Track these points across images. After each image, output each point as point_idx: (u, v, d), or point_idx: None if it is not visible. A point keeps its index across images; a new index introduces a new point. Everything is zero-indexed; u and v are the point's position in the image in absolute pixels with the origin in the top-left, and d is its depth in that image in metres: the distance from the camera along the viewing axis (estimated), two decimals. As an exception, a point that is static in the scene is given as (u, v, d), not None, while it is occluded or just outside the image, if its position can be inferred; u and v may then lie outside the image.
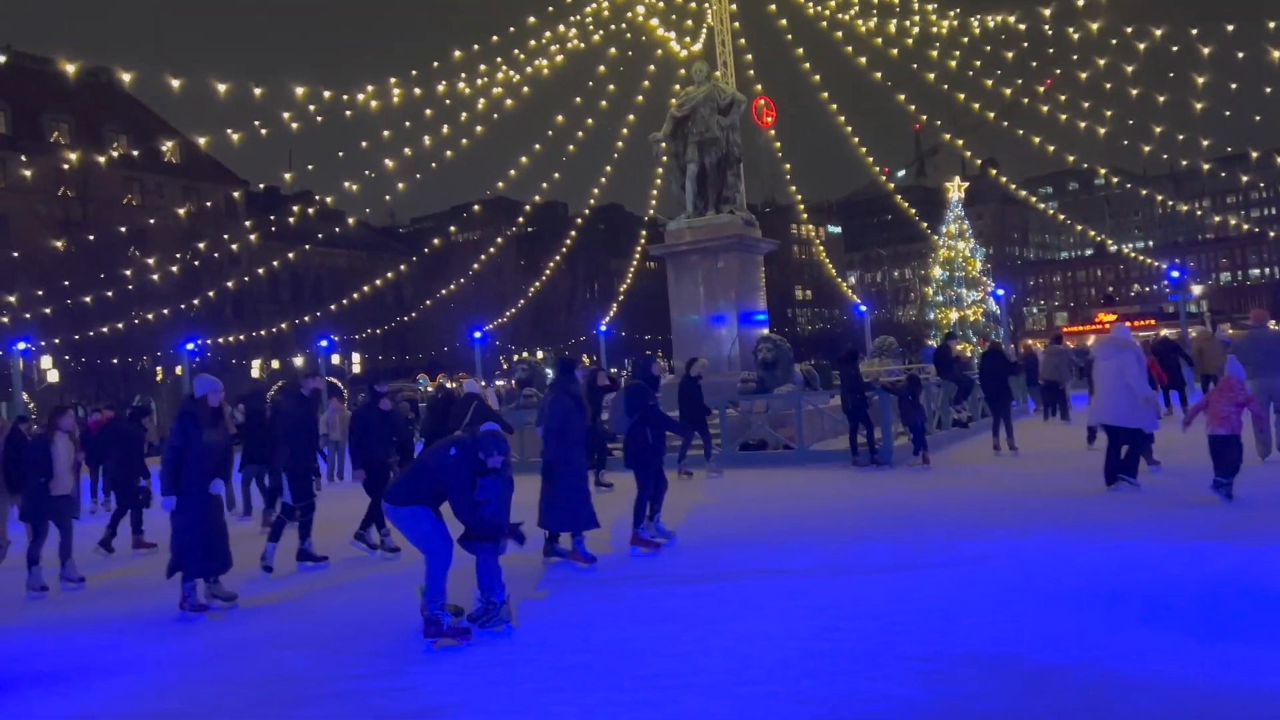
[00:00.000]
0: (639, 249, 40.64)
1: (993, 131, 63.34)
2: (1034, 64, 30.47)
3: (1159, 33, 25.30)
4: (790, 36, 32.54)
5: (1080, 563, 7.47)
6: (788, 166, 37.92)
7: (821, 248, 67.98)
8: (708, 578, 7.89)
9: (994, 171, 53.05)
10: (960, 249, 57.67)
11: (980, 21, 29.01)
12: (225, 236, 43.31)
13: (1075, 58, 28.20)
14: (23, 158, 41.99)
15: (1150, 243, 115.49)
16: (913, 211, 50.17)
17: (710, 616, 6.60)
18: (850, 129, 35.78)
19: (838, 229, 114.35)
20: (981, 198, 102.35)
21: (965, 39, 30.02)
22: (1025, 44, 28.97)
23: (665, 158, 22.06)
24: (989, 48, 30.09)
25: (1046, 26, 26.53)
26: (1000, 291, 44.94)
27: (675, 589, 7.58)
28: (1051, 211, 65.74)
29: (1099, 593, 6.51)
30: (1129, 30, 26.10)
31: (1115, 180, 59.97)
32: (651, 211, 37.48)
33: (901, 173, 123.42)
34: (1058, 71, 30.18)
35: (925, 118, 39.21)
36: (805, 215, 61.06)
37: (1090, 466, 11.61)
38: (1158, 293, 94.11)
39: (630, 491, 9.55)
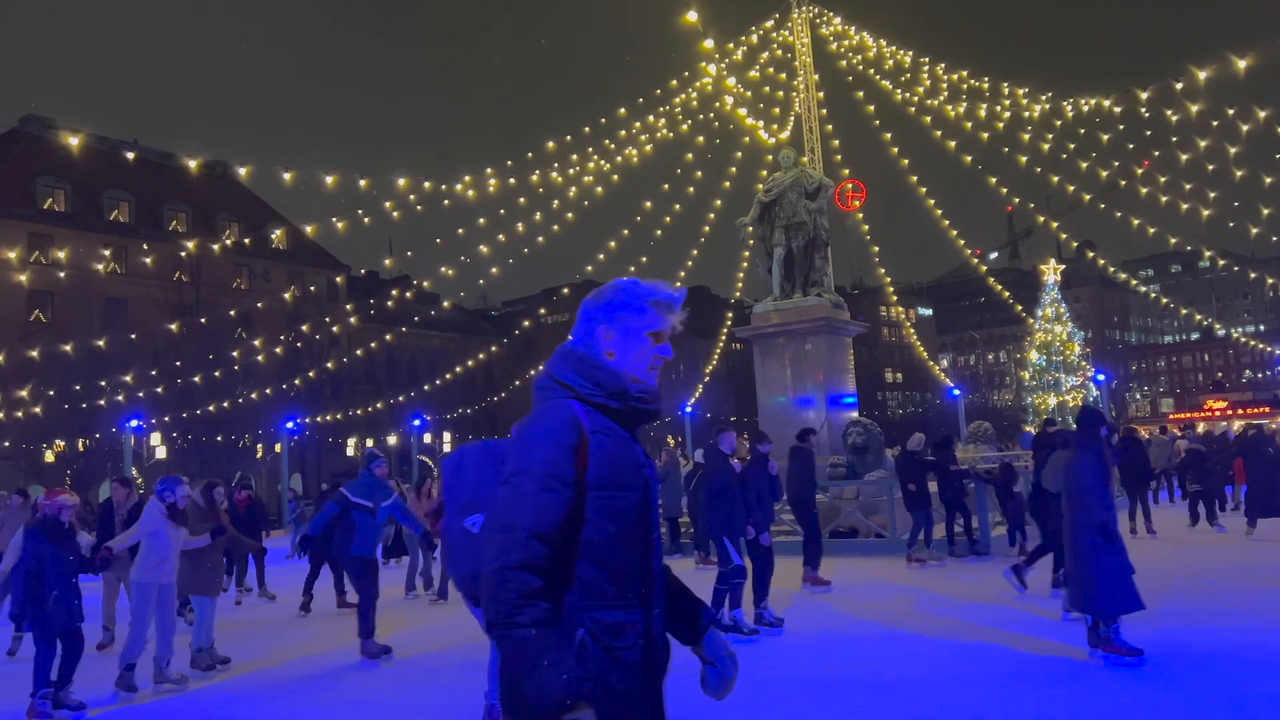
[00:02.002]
0: (725, 331, 40.70)
1: (1089, 213, 62.17)
2: (1131, 146, 29.75)
3: (1263, 114, 24.59)
4: (878, 122, 32.76)
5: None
6: (876, 249, 37.78)
7: (912, 330, 67.03)
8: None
9: (1091, 254, 51.70)
10: (1058, 332, 56.07)
11: (1074, 105, 28.69)
12: (327, 319, 45.07)
13: (1175, 139, 27.53)
14: (144, 246, 44.72)
15: (1261, 326, 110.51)
16: (1007, 294, 49.15)
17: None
18: (940, 211, 35.55)
19: (929, 311, 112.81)
20: (1078, 280, 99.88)
21: (1058, 122, 29.67)
22: (1121, 126, 28.42)
23: (751, 242, 22.20)
24: (1083, 130, 29.64)
25: (1143, 109, 26.06)
26: (1101, 376, 43.38)
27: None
28: (1154, 294, 63.63)
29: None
30: (1231, 112, 25.44)
31: (1222, 263, 57.80)
32: (738, 294, 37.64)
33: (994, 255, 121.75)
34: (1156, 153, 29.46)
35: (1018, 200, 38.53)
36: (895, 298, 60.51)
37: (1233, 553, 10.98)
38: (1270, 379, 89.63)
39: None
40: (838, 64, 31.19)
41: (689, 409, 41.75)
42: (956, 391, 44.61)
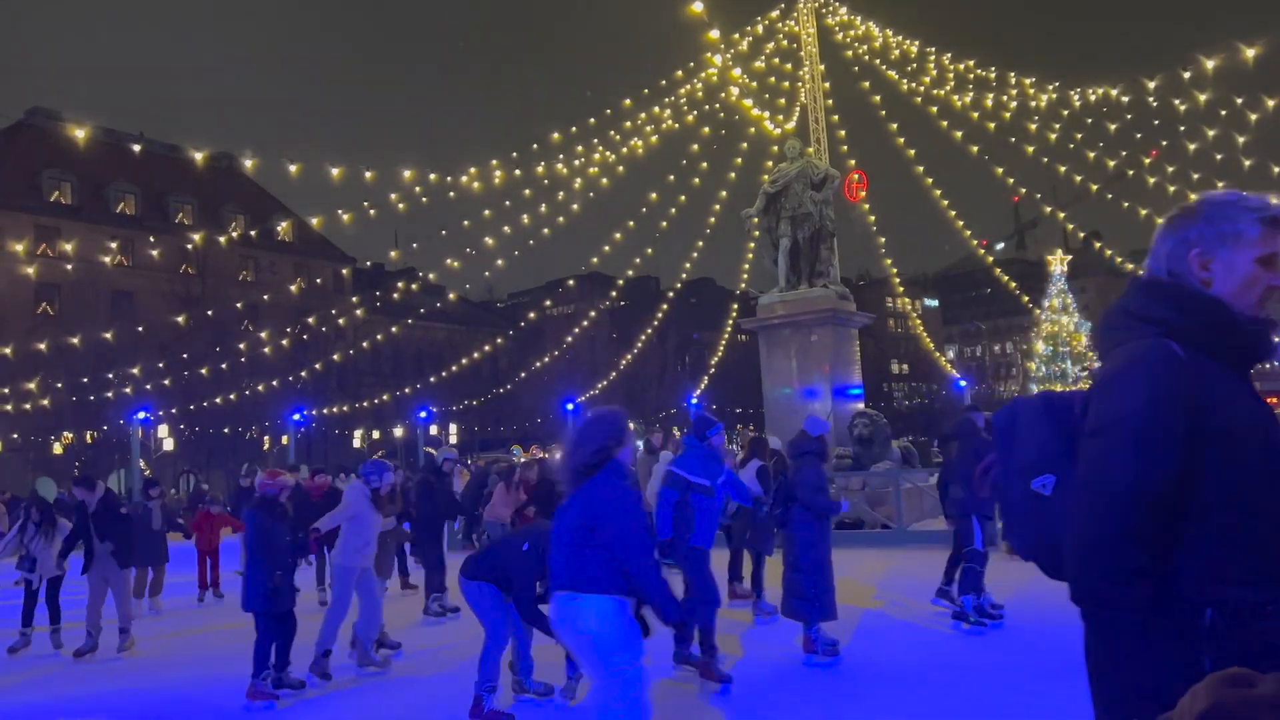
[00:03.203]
0: (730, 322, 40.69)
1: (1096, 203, 61.81)
2: (1138, 135, 29.57)
3: (1271, 103, 24.44)
4: (884, 112, 32.65)
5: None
6: (882, 240, 37.63)
7: (918, 321, 66.88)
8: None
9: (1098, 244, 51.60)
10: (1064, 323, 56.02)
11: (1081, 94, 28.55)
12: (333, 311, 45.07)
13: (1182, 128, 27.40)
14: (151, 238, 44.80)
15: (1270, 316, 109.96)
16: (1013, 285, 49.02)
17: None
18: (946, 202, 35.43)
19: (935, 302, 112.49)
20: (1085, 271, 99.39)
21: (1065, 111, 29.54)
22: (1129, 115, 28.28)
23: (757, 233, 22.16)
24: (1090, 120, 29.48)
25: (1151, 98, 25.91)
26: (1108, 367, 43.16)
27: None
28: (1161, 285, 63.28)
29: None
30: (1239, 101, 25.30)
31: (1230, 252, 57.29)
32: (743, 285, 37.59)
33: (1000, 245, 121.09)
34: (1164, 142, 29.33)
35: (1025, 190, 38.32)
36: (901, 289, 60.30)
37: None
38: (1278, 369, 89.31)
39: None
40: (844, 54, 31.09)
41: (694, 400, 41.80)
42: (963, 382, 44.56)
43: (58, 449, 43.76)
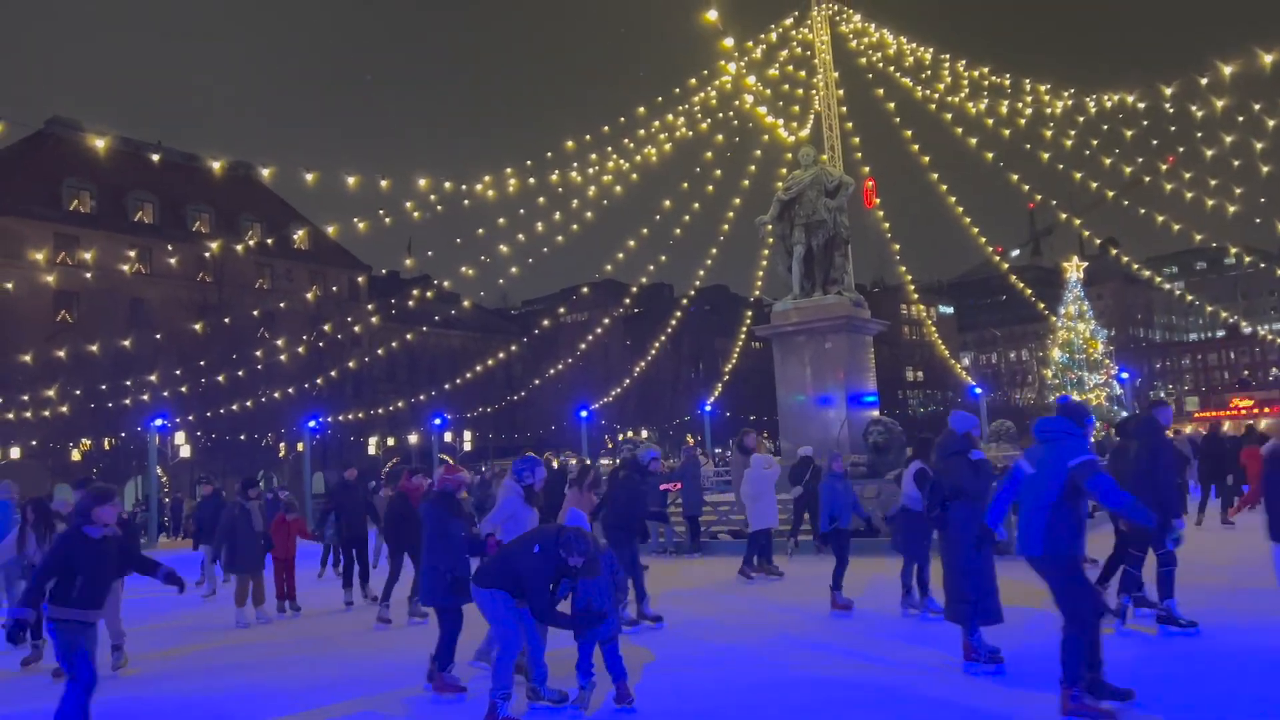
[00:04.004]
0: (744, 329, 40.66)
1: (1112, 210, 61.49)
2: (1155, 142, 29.41)
3: (1290, 107, 24.29)
4: (898, 119, 32.61)
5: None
6: (896, 247, 37.58)
7: (933, 328, 66.65)
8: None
9: (1114, 251, 51.30)
10: (1080, 330, 55.74)
11: (1096, 100, 28.43)
12: (348, 319, 45.34)
13: (1200, 135, 27.24)
14: (169, 246, 45.18)
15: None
16: (1029, 292, 48.81)
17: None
18: (961, 209, 35.34)
19: (950, 309, 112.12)
20: (1101, 277, 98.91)
21: (1081, 118, 29.43)
22: (1145, 122, 28.13)
23: (771, 240, 22.15)
24: (1106, 126, 29.34)
25: (1168, 105, 25.77)
26: (1125, 374, 43.01)
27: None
28: (1178, 291, 62.97)
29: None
30: (1257, 107, 25.13)
31: (1248, 259, 57.13)
32: (757, 293, 37.56)
33: (1016, 252, 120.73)
34: (1181, 149, 29.17)
35: (1040, 197, 38.19)
36: (916, 295, 60.13)
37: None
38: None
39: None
40: (857, 61, 31.09)
41: (708, 407, 41.77)
42: (978, 390, 44.37)
43: (76, 455, 44.09)
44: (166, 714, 7.86)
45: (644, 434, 56.92)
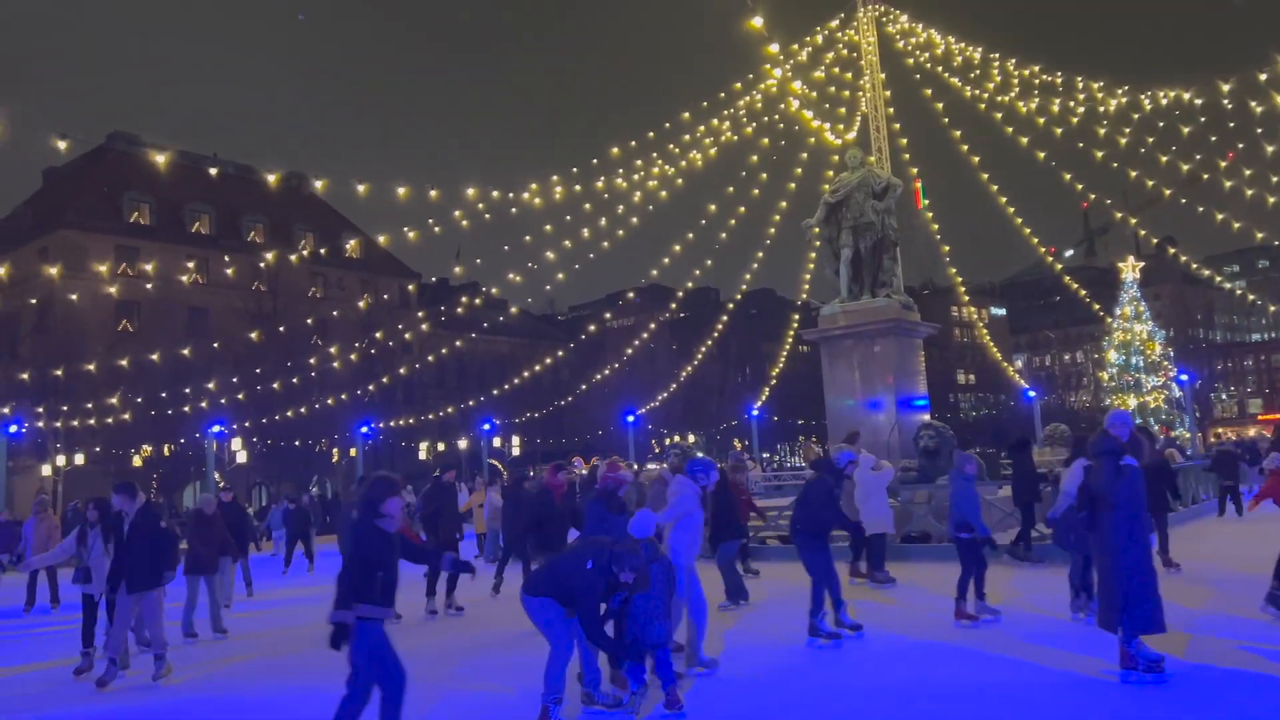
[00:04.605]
0: (791, 333, 40.44)
1: (1169, 208, 60.15)
2: (1213, 138, 28.72)
3: (1355, 101, 23.57)
4: (947, 120, 32.26)
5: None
6: (946, 248, 37.11)
7: (985, 330, 65.65)
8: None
9: (1172, 250, 50.08)
10: (1137, 331, 54.54)
11: (1151, 97, 27.86)
12: (399, 326, 45.94)
13: (1260, 130, 26.55)
14: (225, 257, 46.21)
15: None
16: (1083, 293, 47.89)
17: None
18: (1013, 209, 34.83)
19: (1002, 311, 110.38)
20: (1159, 277, 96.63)
21: (1136, 115, 28.85)
22: (1203, 118, 27.49)
23: (818, 243, 22.03)
24: (1162, 123, 28.73)
25: (1226, 100, 25.17)
26: (1184, 376, 41.94)
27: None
28: (1240, 291, 61.30)
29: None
30: (1320, 101, 24.42)
31: (1313, 256, 55.39)
32: (804, 296, 37.35)
33: (1070, 252, 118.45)
34: (1240, 145, 28.43)
35: (1094, 196, 37.46)
36: (967, 298, 59.30)
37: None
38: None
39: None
40: (905, 62, 30.82)
41: (755, 412, 41.61)
42: (1032, 393, 43.63)
43: (137, 462, 45.24)
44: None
45: (690, 439, 56.83)
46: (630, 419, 37.63)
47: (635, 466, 24.10)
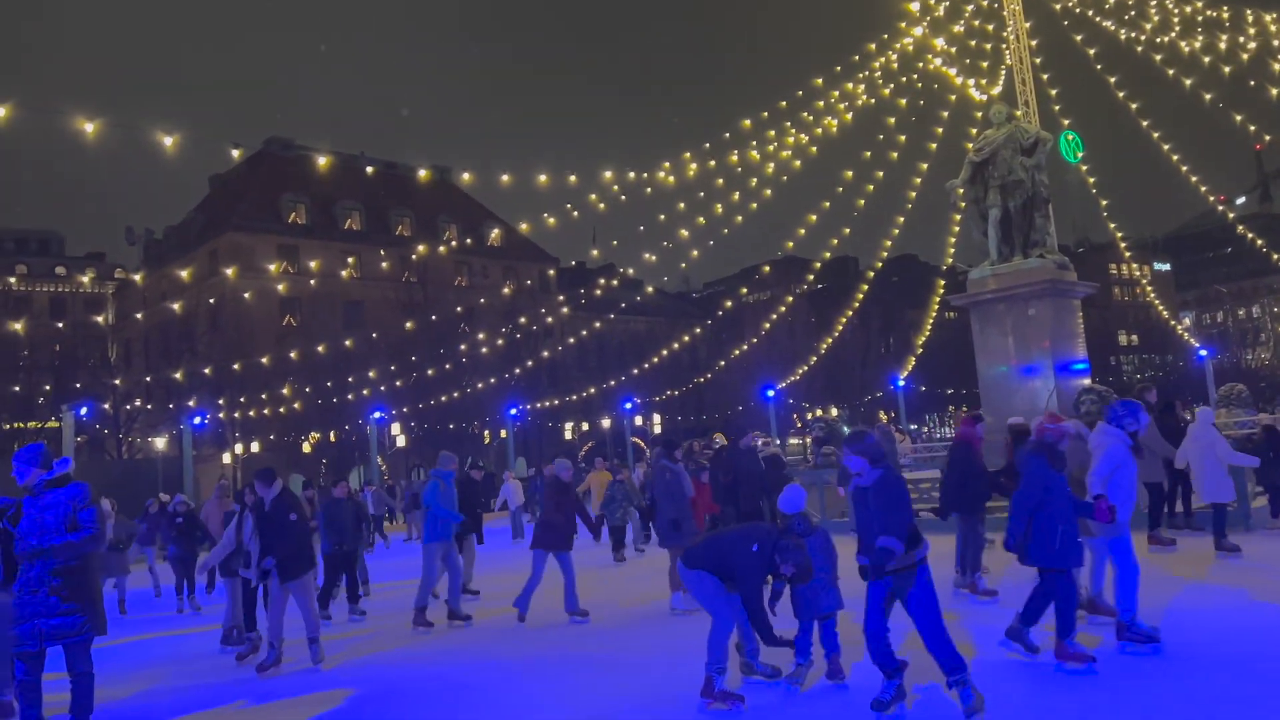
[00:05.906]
0: (936, 300, 39.18)
1: (1358, 144, 54.67)
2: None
3: None
4: (1100, 66, 30.42)
5: None
6: (1104, 202, 35.05)
7: (1148, 288, 61.84)
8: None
9: (1363, 189, 45.66)
10: (1323, 281, 50.10)
11: (1333, 24, 25.49)
12: (541, 310, 47.16)
13: None
14: (381, 252, 48.50)
15: None
16: (1259, 242, 44.36)
17: None
18: (1176, 157, 32.55)
19: (1166, 266, 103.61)
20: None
21: (1315, 46, 26.47)
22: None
23: (963, 204, 21.23)
24: (1346, 52, 26.27)
25: None
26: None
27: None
28: None
29: None
30: None
31: None
32: (949, 260, 36.11)
33: (1242, 199, 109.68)
34: None
35: (1269, 137, 34.54)
36: (1128, 254, 55.95)
37: None
38: None
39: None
40: (1052, 6, 29.21)
41: (901, 382, 40.61)
42: (1203, 353, 40.89)
43: (306, 448, 48.20)
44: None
45: (834, 412, 55.97)
46: (770, 394, 37.41)
47: (777, 440, 23.95)
